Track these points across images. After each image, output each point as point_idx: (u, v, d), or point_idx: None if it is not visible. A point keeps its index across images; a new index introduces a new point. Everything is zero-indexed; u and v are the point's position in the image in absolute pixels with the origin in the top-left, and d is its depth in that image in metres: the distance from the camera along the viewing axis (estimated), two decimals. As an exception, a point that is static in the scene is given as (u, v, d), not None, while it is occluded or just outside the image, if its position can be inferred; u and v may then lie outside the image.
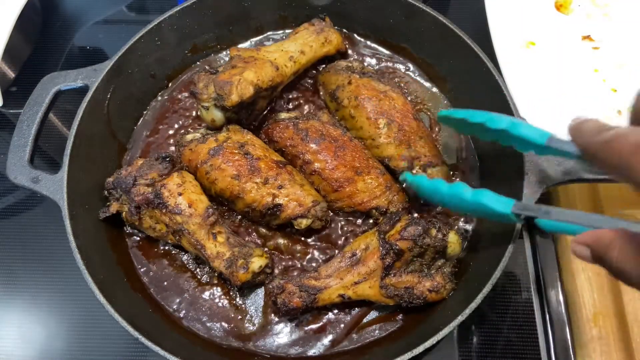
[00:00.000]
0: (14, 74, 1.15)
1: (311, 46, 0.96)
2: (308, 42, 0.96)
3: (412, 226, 0.77)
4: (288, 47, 0.94)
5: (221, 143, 0.86)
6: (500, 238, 0.77)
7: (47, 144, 1.05)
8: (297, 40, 0.96)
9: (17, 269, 0.94)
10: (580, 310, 0.79)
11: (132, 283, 0.84)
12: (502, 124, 0.69)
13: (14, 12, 1.07)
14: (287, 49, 0.94)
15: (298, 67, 0.95)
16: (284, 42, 0.96)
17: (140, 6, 1.27)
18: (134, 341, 0.71)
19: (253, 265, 0.78)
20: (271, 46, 0.95)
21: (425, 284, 0.77)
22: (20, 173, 0.81)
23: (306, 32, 0.97)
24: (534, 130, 0.66)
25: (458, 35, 0.91)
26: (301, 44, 0.95)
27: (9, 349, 0.88)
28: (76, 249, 0.75)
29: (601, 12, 1.08)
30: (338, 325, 0.82)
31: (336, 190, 0.85)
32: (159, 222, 0.81)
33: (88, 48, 1.21)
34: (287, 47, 0.94)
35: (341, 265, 0.79)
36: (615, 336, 0.76)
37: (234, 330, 0.82)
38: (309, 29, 0.98)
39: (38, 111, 0.85)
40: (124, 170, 0.84)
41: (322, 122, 0.90)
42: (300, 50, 0.94)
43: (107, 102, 0.91)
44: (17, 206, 1.01)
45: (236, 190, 0.83)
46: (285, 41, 0.97)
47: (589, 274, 0.80)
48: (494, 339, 0.86)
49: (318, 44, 0.96)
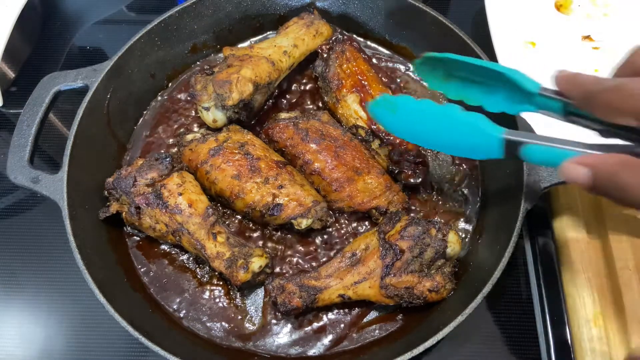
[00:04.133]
0: (14, 74, 1.15)
1: (303, 39, 0.96)
2: (300, 36, 0.96)
3: (412, 226, 0.77)
4: (281, 42, 0.95)
5: (221, 143, 0.86)
6: (500, 238, 0.77)
7: (47, 144, 1.05)
8: (288, 35, 0.96)
9: (17, 269, 0.94)
10: (580, 310, 0.79)
11: (132, 283, 0.84)
12: (498, 68, 0.67)
13: (14, 12, 1.07)
14: (280, 44, 0.94)
15: (293, 60, 0.95)
16: (275, 38, 0.97)
17: (140, 6, 1.27)
18: (134, 341, 0.71)
19: (253, 265, 0.78)
20: (263, 43, 0.95)
21: (425, 284, 0.77)
22: (20, 173, 0.81)
23: (296, 26, 0.97)
24: (527, 79, 0.64)
25: (458, 35, 0.91)
26: (293, 38, 0.95)
27: (9, 349, 0.88)
28: (76, 249, 0.75)
29: (601, 12, 1.08)
30: (338, 325, 0.82)
31: (336, 190, 0.85)
32: (159, 222, 0.81)
33: (88, 48, 1.21)
34: (280, 42, 0.95)
35: (341, 265, 0.79)
36: (615, 336, 0.76)
37: (234, 330, 0.82)
38: (299, 22, 0.98)
39: (38, 111, 0.85)
40: (124, 170, 0.84)
41: (322, 122, 0.90)
42: (293, 44, 0.95)
43: (107, 102, 0.91)
44: (17, 206, 1.01)
45: (236, 190, 0.83)
46: (277, 37, 0.97)
47: (589, 274, 0.80)
48: (494, 339, 0.86)
49: (309, 36, 0.97)
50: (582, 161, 0.53)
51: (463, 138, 0.67)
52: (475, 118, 0.65)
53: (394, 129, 0.77)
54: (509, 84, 0.66)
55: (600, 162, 0.52)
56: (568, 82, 0.57)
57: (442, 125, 0.69)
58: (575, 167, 0.53)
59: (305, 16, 0.99)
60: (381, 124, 0.79)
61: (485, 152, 0.65)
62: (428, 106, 0.69)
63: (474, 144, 0.66)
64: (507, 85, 0.67)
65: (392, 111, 0.74)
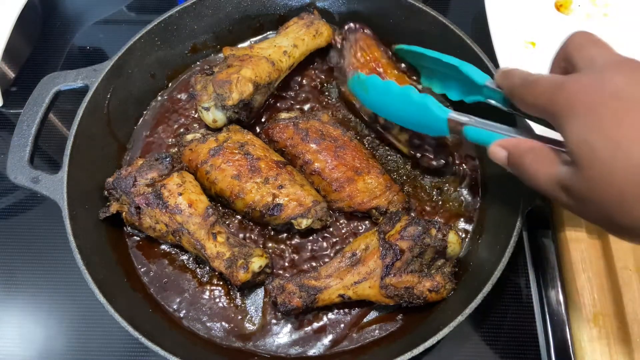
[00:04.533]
0: (14, 74, 1.15)
1: (303, 39, 0.96)
2: (299, 36, 0.96)
3: (412, 226, 0.77)
4: (281, 42, 0.95)
5: (221, 143, 0.86)
6: (500, 238, 0.77)
7: (47, 144, 1.05)
8: (288, 35, 0.96)
9: (17, 269, 0.94)
10: (580, 310, 0.79)
11: (132, 283, 0.84)
12: (453, 61, 0.81)
13: (14, 12, 1.07)
14: (280, 44, 0.94)
15: (293, 61, 0.95)
16: (275, 38, 0.96)
17: (140, 6, 1.27)
18: (134, 341, 0.71)
19: (253, 265, 0.78)
20: (263, 43, 0.95)
21: (425, 284, 0.77)
22: (20, 173, 0.81)
23: (296, 26, 0.97)
24: (476, 72, 0.76)
25: (458, 35, 0.91)
26: (293, 38, 0.95)
27: (9, 349, 0.88)
28: (76, 249, 0.75)
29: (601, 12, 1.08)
30: (338, 325, 0.82)
31: (336, 190, 0.85)
32: (159, 222, 0.81)
33: (88, 48, 1.21)
34: (280, 42, 0.95)
35: (341, 265, 0.79)
36: (615, 336, 0.76)
37: (234, 330, 0.82)
38: (299, 22, 0.98)
39: (38, 111, 0.85)
40: (124, 170, 0.84)
41: (322, 122, 0.90)
42: (293, 44, 0.95)
43: (107, 102, 0.91)
44: (17, 206, 1.01)
45: (236, 190, 0.83)
46: (277, 37, 0.97)
47: (589, 274, 0.80)
48: (494, 339, 0.86)
49: (309, 36, 0.97)
50: (502, 143, 0.61)
51: (418, 116, 0.77)
52: (425, 99, 0.74)
53: (368, 104, 0.88)
54: (463, 76, 0.78)
55: (514, 146, 0.60)
56: (502, 75, 0.64)
57: (402, 103, 0.78)
58: (496, 148, 0.62)
59: (305, 16, 0.99)
60: (358, 99, 0.90)
61: (435, 130, 0.75)
62: (390, 86, 0.79)
63: (426, 122, 0.76)
64: (462, 76, 0.78)
65: (364, 90, 0.85)
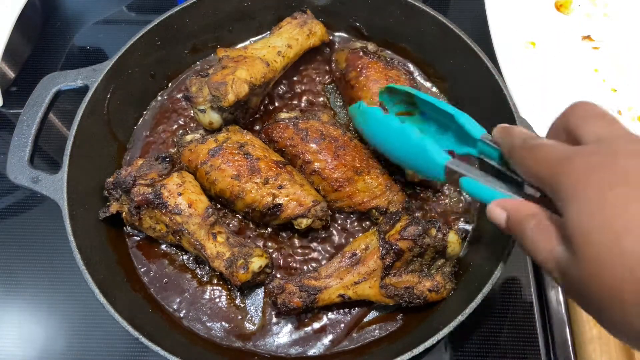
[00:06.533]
0: (14, 74, 1.15)
1: (297, 39, 0.96)
2: (293, 36, 0.96)
3: (412, 226, 0.77)
4: (274, 42, 0.95)
5: (221, 143, 0.86)
6: (500, 238, 0.77)
7: (47, 144, 1.05)
8: (282, 35, 0.96)
9: (17, 269, 0.94)
10: (580, 310, 0.79)
11: (132, 283, 0.84)
12: (449, 109, 0.72)
13: (14, 12, 1.07)
14: (274, 44, 0.94)
15: (287, 61, 0.95)
16: (269, 38, 0.96)
17: (140, 6, 1.27)
18: (134, 341, 0.71)
19: (253, 265, 0.78)
20: (257, 43, 0.95)
21: (425, 284, 0.77)
22: (20, 173, 0.81)
23: (290, 26, 0.97)
24: (473, 123, 0.69)
25: (458, 35, 0.91)
26: (287, 38, 0.95)
27: (9, 349, 0.88)
28: (76, 249, 0.75)
29: (601, 12, 1.08)
30: (338, 325, 0.82)
31: (336, 190, 0.85)
32: (159, 222, 0.81)
33: (88, 48, 1.21)
34: (274, 42, 0.95)
35: (341, 265, 0.79)
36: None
37: (234, 330, 0.82)
38: (292, 22, 0.98)
39: (38, 111, 0.85)
40: (124, 170, 0.84)
41: (322, 122, 0.90)
42: (287, 44, 0.95)
43: (107, 102, 0.91)
44: (17, 206, 1.01)
45: (236, 191, 0.83)
46: (271, 37, 0.97)
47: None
48: (494, 339, 0.86)
49: (303, 36, 0.97)
50: (502, 204, 0.57)
51: (415, 157, 0.72)
52: (424, 141, 0.70)
53: (365, 134, 0.84)
54: (458, 126, 0.70)
55: (514, 208, 0.55)
56: (502, 132, 0.60)
57: (400, 142, 0.74)
58: (495, 209, 0.57)
59: (299, 16, 0.99)
60: (358, 129, 0.86)
61: (430, 174, 0.71)
62: (390, 122, 0.75)
63: (422, 164, 0.71)
64: (456, 126, 0.71)
65: (363, 120, 0.82)
